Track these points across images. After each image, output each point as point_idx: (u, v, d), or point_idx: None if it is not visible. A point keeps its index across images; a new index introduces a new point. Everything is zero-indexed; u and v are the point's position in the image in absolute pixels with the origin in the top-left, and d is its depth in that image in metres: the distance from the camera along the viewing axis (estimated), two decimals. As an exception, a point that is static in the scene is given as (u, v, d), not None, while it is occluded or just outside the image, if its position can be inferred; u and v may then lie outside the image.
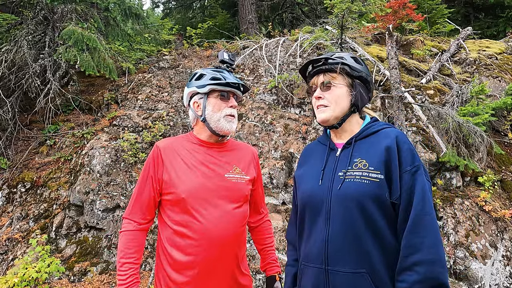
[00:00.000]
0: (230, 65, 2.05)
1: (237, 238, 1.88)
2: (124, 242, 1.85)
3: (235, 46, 7.70)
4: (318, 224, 1.56)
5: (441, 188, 5.13)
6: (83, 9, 6.59)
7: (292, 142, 5.48)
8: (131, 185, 5.08)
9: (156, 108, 6.23)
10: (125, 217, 1.92)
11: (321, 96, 1.66)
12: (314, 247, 1.55)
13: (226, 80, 1.92)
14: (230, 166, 1.96)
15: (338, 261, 1.47)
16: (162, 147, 1.93)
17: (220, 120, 1.91)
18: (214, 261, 1.80)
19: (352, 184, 1.50)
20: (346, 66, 1.64)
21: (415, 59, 7.13)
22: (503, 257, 4.54)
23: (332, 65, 1.65)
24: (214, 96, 1.94)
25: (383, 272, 1.44)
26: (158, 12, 17.87)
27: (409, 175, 1.46)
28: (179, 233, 1.82)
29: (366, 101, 1.69)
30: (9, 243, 4.87)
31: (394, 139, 1.52)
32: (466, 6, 11.81)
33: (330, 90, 1.65)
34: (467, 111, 5.10)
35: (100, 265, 4.52)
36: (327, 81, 1.65)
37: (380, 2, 5.84)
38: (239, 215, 1.90)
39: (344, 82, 1.65)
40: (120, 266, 1.80)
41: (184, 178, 1.85)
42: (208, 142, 1.98)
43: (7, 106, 5.91)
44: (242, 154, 2.06)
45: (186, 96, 2.04)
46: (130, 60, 7.33)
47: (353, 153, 1.58)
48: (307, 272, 1.59)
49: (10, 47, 6.12)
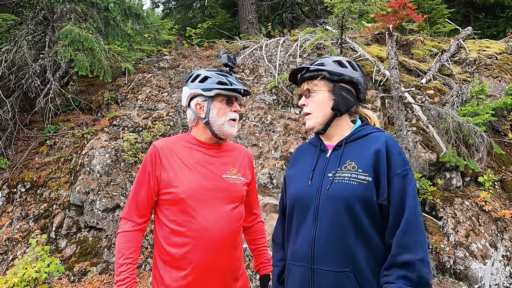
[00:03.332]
0: (232, 68, 2.08)
1: (234, 238, 1.90)
2: (121, 243, 1.86)
3: (235, 46, 7.70)
4: (306, 224, 1.58)
5: (441, 188, 5.13)
6: (83, 9, 6.59)
7: (292, 142, 5.48)
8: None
9: (156, 108, 6.23)
10: (122, 217, 1.93)
11: (305, 103, 1.72)
12: (301, 246, 1.58)
13: (232, 86, 1.94)
14: (227, 167, 1.98)
15: (324, 260, 1.50)
16: (160, 147, 1.93)
17: (224, 125, 1.94)
18: (210, 260, 1.81)
19: (340, 185, 1.53)
20: (324, 72, 1.67)
21: (415, 59, 7.14)
22: (503, 257, 4.54)
23: (313, 73, 1.70)
24: (219, 100, 1.95)
25: (367, 271, 1.47)
26: (158, 12, 17.88)
27: (399, 178, 1.49)
28: (176, 232, 1.83)
29: (352, 103, 1.69)
30: (9, 243, 4.87)
31: (384, 143, 1.56)
32: (466, 6, 11.81)
33: (312, 97, 1.70)
34: (467, 111, 5.10)
35: (100, 265, 4.52)
36: (309, 88, 1.71)
37: (381, 2, 5.84)
38: (236, 215, 1.92)
39: (325, 88, 1.68)
40: (118, 267, 1.81)
41: (182, 178, 1.86)
42: (206, 143, 1.99)
43: (7, 106, 5.91)
44: (238, 155, 2.08)
45: (185, 97, 2.03)
46: (130, 60, 7.32)
47: (342, 155, 1.61)
48: (294, 271, 1.61)
49: (10, 47, 6.12)
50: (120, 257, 1.82)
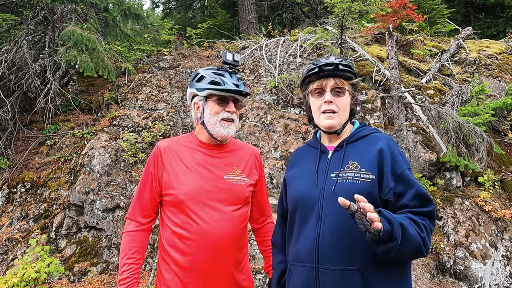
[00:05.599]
0: (234, 66, 2.01)
1: (236, 241, 1.87)
2: (125, 243, 1.88)
3: (235, 46, 7.70)
4: (309, 224, 1.58)
5: (441, 188, 5.13)
6: (83, 9, 6.59)
7: (292, 142, 5.48)
8: (131, 185, 5.08)
9: (156, 108, 6.23)
10: (127, 217, 1.96)
11: (332, 100, 1.65)
12: (304, 247, 1.57)
13: (225, 85, 1.89)
14: (230, 168, 1.95)
15: (329, 259, 1.50)
16: (162, 148, 1.94)
17: (216, 125, 1.90)
18: (211, 262, 1.80)
19: (344, 184, 1.54)
20: (353, 75, 1.69)
21: (415, 59, 7.13)
22: (503, 257, 4.53)
23: (343, 72, 1.66)
24: (212, 100, 1.92)
25: (373, 269, 1.47)
26: (158, 12, 17.88)
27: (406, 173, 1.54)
28: (177, 234, 1.83)
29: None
30: (9, 243, 4.87)
31: (386, 142, 1.60)
32: (466, 6, 11.81)
33: (341, 97, 1.67)
34: (467, 111, 5.10)
35: (100, 265, 4.52)
36: (340, 87, 1.66)
37: (381, 2, 5.84)
38: (238, 217, 1.89)
39: (349, 90, 1.69)
40: (121, 267, 1.84)
41: (182, 180, 1.86)
42: (208, 144, 1.98)
43: (7, 106, 5.91)
44: (243, 155, 2.04)
45: (188, 96, 2.05)
46: (130, 60, 7.32)
47: (345, 155, 1.62)
48: (296, 272, 1.60)
49: (10, 47, 6.12)
50: (123, 256, 1.85)
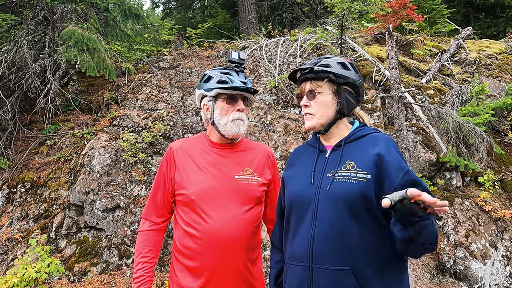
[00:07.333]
0: (240, 65, 2.01)
1: (247, 241, 1.86)
2: (139, 242, 1.94)
3: (235, 46, 7.70)
4: (304, 223, 1.59)
5: (441, 188, 5.13)
6: (83, 9, 6.59)
7: (292, 142, 5.48)
8: (131, 185, 5.08)
9: (156, 108, 6.23)
10: (142, 217, 2.00)
11: (307, 104, 1.70)
12: (299, 246, 1.58)
13: (232, 84, 1.90)
14: (241, 167, 1.95)
15: (323, 259, 1.50)
16: (175, 149, 1.98)
17: (227, 124, 1.91)
18: (221, 262, 1.80)
19: (339, 184, 1.55)
20: (330, 74, 1.66)
21: (415, 59, 7.13)
22: (503, 257, 4.53)
23: (317, 73, 1.67)
24: (221, 99, 1.93)
25: (366, 269, 1.47)
26: (158, 12, 17.89)
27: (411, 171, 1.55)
28: (188, 233, 1.85)
29: (353, 105, 1.74)
30: (9, 243, 4.87)
31: (385, 143, 1.61)
32: (466, 6, 11.81)
33: (316, 99, 1.68)
34: (467, 111, 5.10)
35: (100, 265, 4.52)
36: (312, 89, 1.69)
37: (381, 2, 5.84)
38: (250, 217, 1.89)
39: (330, 90, 1.68)
40: (135, 265, 1.89)
41: (193, 180, 1.88)
42: (219, 144, 1.99)
43: (7, 106, 5.91)
44: (256, 154, 2.04)
45: (197, 98, 2.05)
46: (130, 60, 7.31)
47: (342, 155, 1.63)
48: (292, 271, 1.61)
49: (10, 47, 6.11)
50: (138, 255, 1.90)
